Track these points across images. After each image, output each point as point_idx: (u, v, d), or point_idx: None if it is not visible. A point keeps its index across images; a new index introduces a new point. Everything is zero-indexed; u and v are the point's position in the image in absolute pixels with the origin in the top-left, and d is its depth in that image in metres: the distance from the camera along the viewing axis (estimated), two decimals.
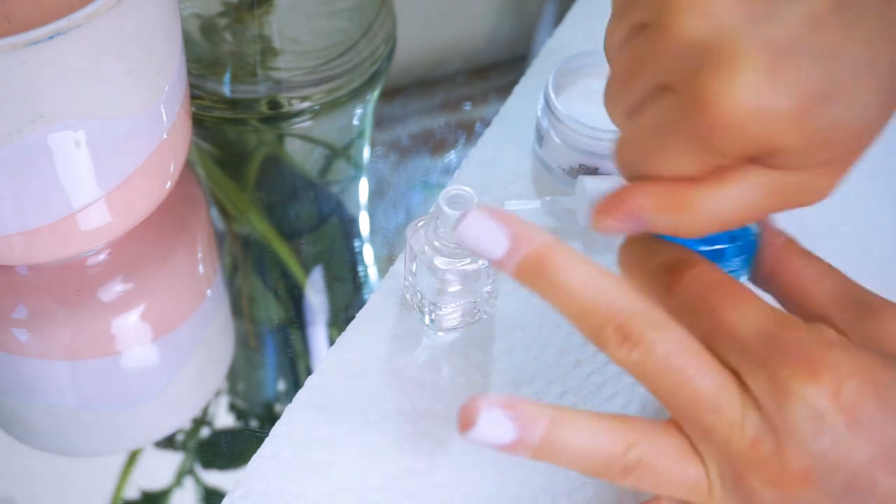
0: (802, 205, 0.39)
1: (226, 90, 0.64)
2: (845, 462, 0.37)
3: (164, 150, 0.53)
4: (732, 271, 0.45)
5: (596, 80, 0.60)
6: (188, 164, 0.60)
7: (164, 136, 0.52)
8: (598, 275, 0.39)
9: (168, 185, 0.55)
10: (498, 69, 0.71)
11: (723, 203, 0.38)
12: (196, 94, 0.64)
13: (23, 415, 0.53)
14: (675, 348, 0.39)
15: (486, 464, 0.48)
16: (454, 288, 0.50)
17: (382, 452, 0.48)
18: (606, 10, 0.40)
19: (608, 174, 0.57)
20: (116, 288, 0.56)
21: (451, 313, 0.52)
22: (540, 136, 0.59)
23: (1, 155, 0.46)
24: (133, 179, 0.51)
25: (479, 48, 0.73)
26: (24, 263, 0.55)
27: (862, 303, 0.42)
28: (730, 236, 0.44)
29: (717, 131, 0.36)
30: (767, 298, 0.41)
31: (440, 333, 0.53)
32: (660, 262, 0.42)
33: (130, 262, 0.57)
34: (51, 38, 0.43)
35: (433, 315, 0.52)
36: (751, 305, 0.40)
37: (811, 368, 0.37)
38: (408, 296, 0.53)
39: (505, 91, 0.65)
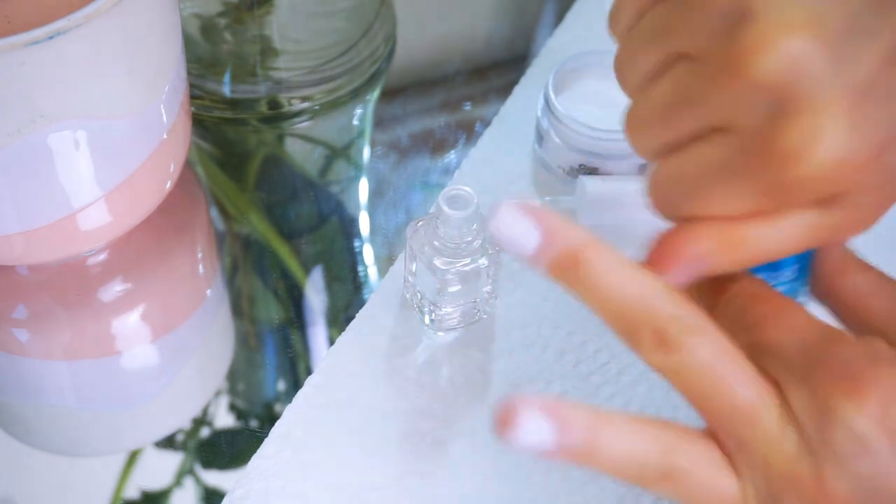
0: (848, 237, 0.38)
1: (226, 90, 0.64)
2: (888, 489, 0.35)
3: (164, 150, 0.53)
4: (789, 281, 0.44)
5: (596, 81, 0.60)
6: (188, 164, 0.60)
7: (164, 136, 0.52)
8: (637, 276, 0.38)
9: (168, 185, 0.55)
10: (498, 69, 0.71)
11: (774, 239, 0.37)
12: (196, 94, 0.64)
13: (23, 415, 0.53)
14: (714, 354, 0.37)
15: (485, 464, 0.48)
16: (454, 288, 0.50)
17: (382, 452, 0.48)
18: (606, 11, 0.40)
19: (608, 174, 0.57)
20: (116, 288, 0.56)
21: (450, 313, 0.52)
22: (540, 137, 0.59)
23: (1, 155, 0.46)
24: (133, 179, 0.51)
25: (478, 48, 0.73)
26: (25, 263, 0.55)
27: None
28: None
29: (795, 182, 0.34)
30: (826, 317, 0.40)
31: (440, 333, 0.53)
32: (705, 278, 0.40)
33: (130, 262, 0.57)
34: (51, 38, 0.43)
35: (433, 315, 0.52)
36: (796, 318, 0.38)
37: (856, 387, 0.35)
38: (408, 296, 0.53)
39: (505, 91, 0.65)
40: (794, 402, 0.37)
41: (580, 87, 0.60)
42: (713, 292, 0.41)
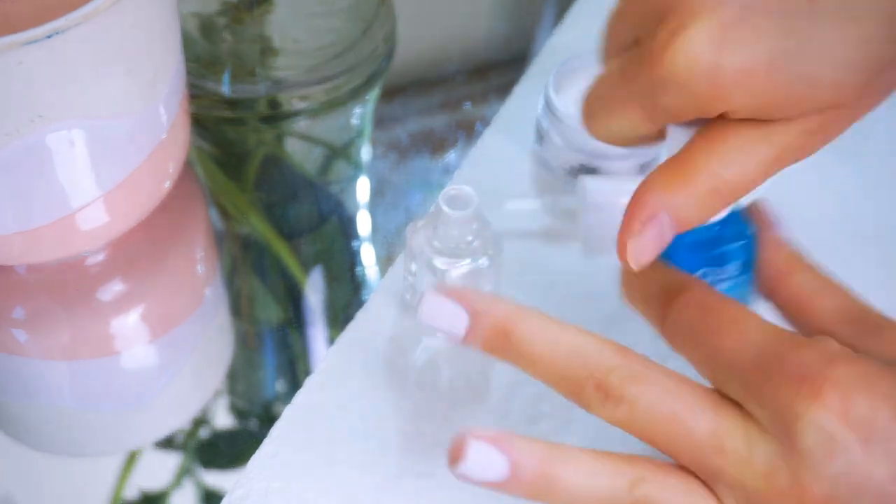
0: (802, 157, 0.39)
1: (225, 90, 0.64)
2: (867, 483, 0.35)
3: (163, 150, 0.53)
4: (735, 276, 0.44)
5: None
6: (187, 164, 0.60)
7: (163, 136, 0.52)
8: (566, 335, 0.39)
9: (167, 184, 0.55)
10: (498, 69, 0.71)
11: (723, 167, 0.37)
12: (195, 94, 0.64)
13: (22, 415, 0.53)
14: (660, 396, 0.37)
15: None
16: None
17: (382, 453, 0.48)
18: (606, 10, 0.40)
19: (609, 174, 0.57)
20: (115, 288, 0.56)
21: None
22: (540, 136, 0.59)
23: None
24: (132, 179, 0.51)
25: (479, 48, 0.73)
26: (23, 263, 0.55)
27: (866, 320, 0.41)
28: (727, 237, 0.43)
29: (663, 84, 0.36)
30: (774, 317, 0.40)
31: (440, 334, 0.52)
32: (655, 289, 0.41)
33: (129, 262, 0.57)
34: (49, 37, 0.43)
35: None
36: (747, 326, 0.38)
37: (814, 388, 0.35)
38: (407, 296, 0.53)
39: (505, 91, 0.65)
40: (758, 414, 0.37)
41: (581, 86, 0.59)
42: (662, 303, 0.41)
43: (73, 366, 0.54)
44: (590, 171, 0.57)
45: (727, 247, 0.43)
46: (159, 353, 0.55)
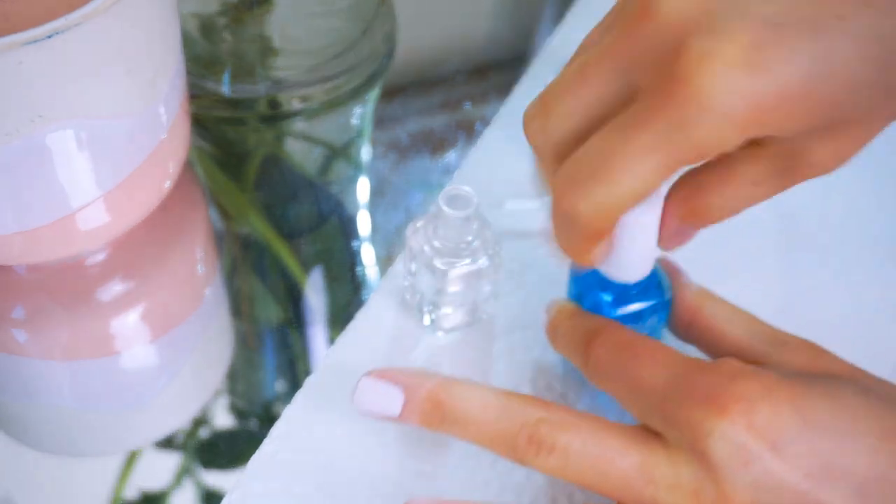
0: (818, 174, 0.39)
1: (225, 90, 0.64)
2: (783, 484, 0.37)
3: (163, 150, 0.53)
4: (651, 329, 0.48)
5: None
6: (187, 164, 0.60)
7: (163, 136, 0.52)
8: (492, 396, 0.41)
9: (167, 184, 0.55)
10: (498, 69, 0.71)
11: (732, 196, 0.40)
12: (195, 94, 0.64)
13: (23, 415, 0.53)
14: (589, 440, 0.39)
15: (486, 465, 0.48)
16: (454, 288, 0.50)
17: (382, 453, 0.48)
18: (606, 10, 0.40)
19: None
20: (115, 288, 0.56)
21: (450, 314, 0.52)
22: None
23: None
24: (132, 179, 0.51)
25: (479, 48, 0.73)
26: (23, 263, 0.55)
27: (772, 338, 0.43)
28: (645, 296, 0.46)
29: (697, 117, 0.33)
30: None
31: (440, 334, 0.53)
32: (577, 335, 0.44)
33: (129, 262, 0.57)
34: (49, 37, 0.43)
35: (433, 315, 0.52)
36: (658, 357, 0.41)
37: (719, 404, 0.37)
38: (407, 296, 0.53)
39: (505, 91, 0.65)
40: (674, 439, 0.39)
41: None
42: (584, 346, 0.43)
43: (73, 366, 0.54)
44: None
45: (646, 308, 0.46)
46: (159, 353, 0.55)
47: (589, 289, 0.47)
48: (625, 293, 0.46)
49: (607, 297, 0.46)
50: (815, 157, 0.38)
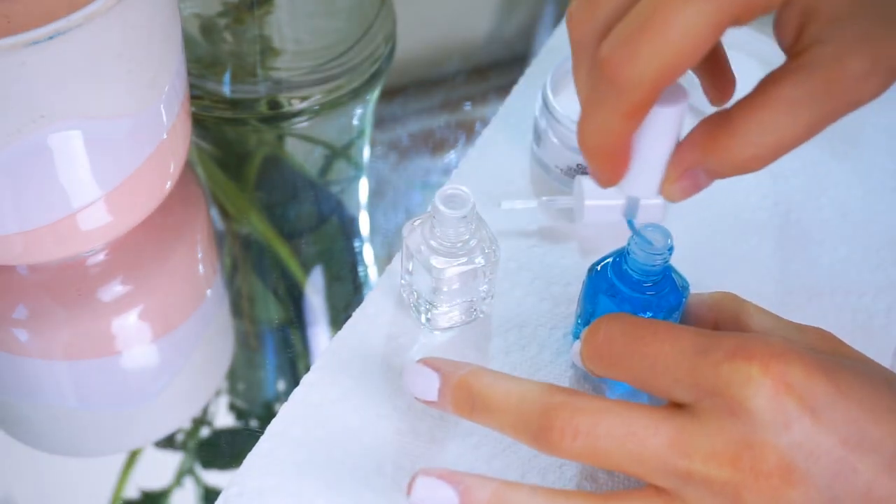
0: (855, 101, 0.37)
1: (226, 90, 0.64)
2: (820, 449, 0.37)
3: (164, 150, 0.53)
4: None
5: None
6: (188, 164, 0.60)
7: (164, 136, 0.52)
8: (515, 384, 0.41)
9: (168, 185, 0.55)
10: (498, 69, 0.71)
11: (780, 132, 0.37)
12: (196, 94, 0.64)
13: (23, 415, 0.53)
14: (614, 421, 0.39)
15: (481, 464, 0.48)
16: (451, 287, 0.50)
17: (378, 451, 0.48)
18: None
19: None
20: (116, 288, 0.56)
21: (447, 312, 0.52)
22: (538, 136, 0.59)
23: (1, 155, 0.46)
24: (133, 179, 0.51)
25: (479, 48, 0.73)
26: (24, 263, 0.55)
27: (795, 327, 0.44)
28: (664, 297, 0.47)
29: None
30: None
31: (436, 332, 0.53)
32: (592, 328, 0.43)
33: (130, 262, 0.57)
34: (51, 38, 0.43)
35: (429, 314, 0.52)
36: (678, 332, 0.40)
37: (757, 359, 0.37)
38: (404, 295, 0.53)
39: (505, 91, 0.65)
40: (709, 405, 0.38)
41: None
42: (591, 330, 0.43)
43: (74, 366, 0.54)
44: (586, 171, 0.57)
45: (662, 309, 0.47)
46: (160, 353, 0.55)
47: (609, 289, 0.47)
48: (642, 292, 0.46)
49: (629, 294, 0.47)
50: (854, 68, 0.36)
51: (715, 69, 0.43)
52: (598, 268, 0.48)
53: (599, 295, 0.47)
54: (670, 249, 0.45)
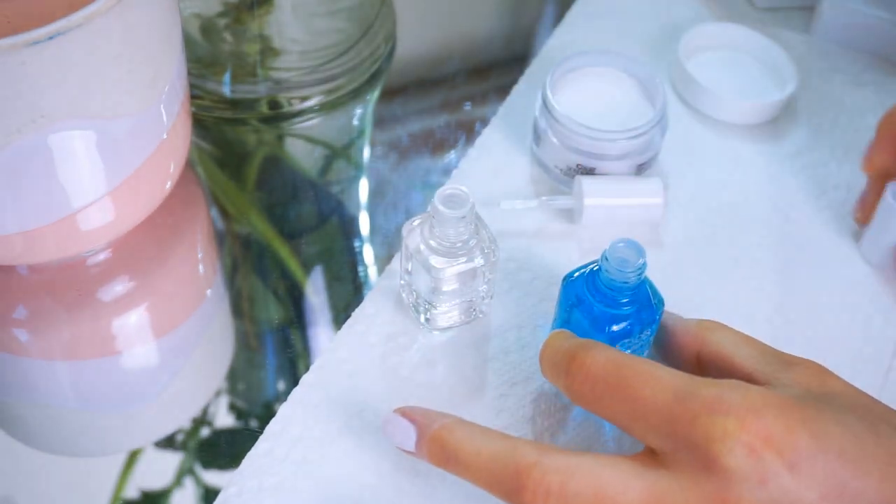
0: None
1: (226, 90, 0.64)
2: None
3: (164, 150, 0.53)
4: (639, 348, 0.48)
5: (593, 80, 0.60)
6: (188, 164, 0.60)
7: (164, 136, 0.52)
8: (487, 441, 0.42)
9: (168, 185, 0.55)
10: (498, 69, 0.71)
11: None
12: (196, 94, 0.64)
13: (23, 415, 0.53)
14: (585, 479, 0.39)
15: None
16: (450, 287, 0.50)
17: (377, 450, 0.48)
18: (606, 11, 0.40)
19: (605, 174, 0.57)
20: (116, 288, 0.56)
21: (446, 312, 0.52)
22: (537, 136, 0.59)
23: (1, 155, 0.46)
24: (133, 179, 0.51)
25: (479, 48, 0.73)
26: (25, 263, 0.55)
27: (779, 359, 0.43)
28: (637, 310, 0.46)
29: None
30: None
31: (435, 332, 0.53)
32: (559, 357, 0.43)
33: (131, 262, 0.57)
34: (51, 38, 0.43)
35: (428, 314, 0.52)
36: (661, 375, 0.40)
37: (733, 415, 0.37)
38: (403, 295, 0.53)
39: (505, 91, 0.65)
40: (685, 456, 0.38)
41: (577, 86, 0.60)
42: (574, 361, 0.42)
43: (74, 366, 0.54)
44: (586, 171, 0.57)
45: (636, 323, 0.46)
46: (160, 353, 0.55)
47: (580, 302, 0.47)
48: (616, 307, 0.46)
49: (598, 308, 0.46)
50: None
51: None
52: (575, 276, 0.48)
53: (573, 309, 0.47)
54: (641, 268, 0.45)
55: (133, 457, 0.51)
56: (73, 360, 0.54)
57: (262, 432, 0.49)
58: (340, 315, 0.55)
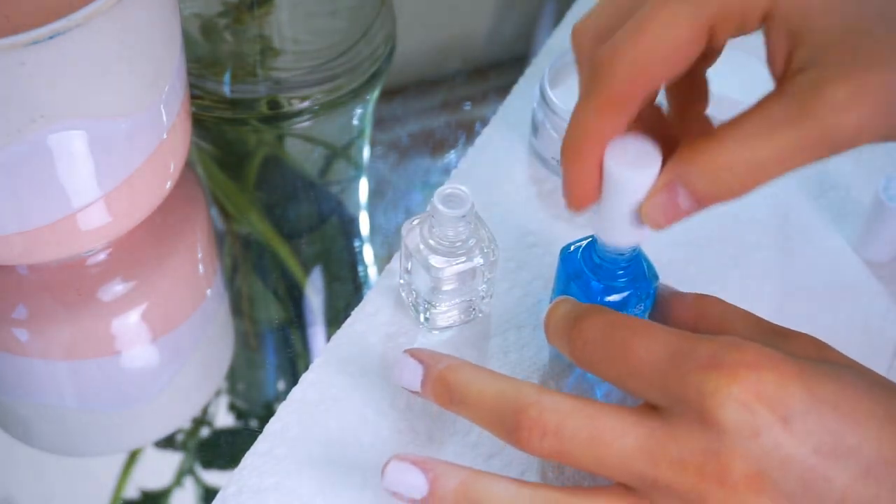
0: (837, 134, 0.35)
1: (226, 90, 0.64)
2: (791, 459, 0.37)
3: (164, 150, 0.53)
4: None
5: None
6: (188, 164, 0.60)
7: (164, 136, 0.52)
8: (491, 380, 0.42)
9: (168, 185, 0.55)
10: (498, 69, 0.71)
11: (756, 152, 0.36)
12: (196, 94, 0.64)
13: (23, 415, 0.53)
14: (582, 421, 0.39)
15: (480, 462, 0.48)
16: (449, 286, 0.50)
17: (377, 450, 0.48)
18: None
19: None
20: (116, 288, 0.56)
21: (445, 312, 0.52)
22: (535, 128, 0.59)
23: (1, 155, 0.46)
24: (133, 179, 0.51)
25: (479, 48, 0.73)
26: (24, 263, 0.55)
27: (775, 331, 0.43)
28: (632, 283, 0.47)
29: None
30: None
31: (435, 332, 0.53)
32: (562, 321, 0.44)
33: (130, 262, 0.57)
34: (51, 38, 0.43)
35: (428, 314, 0.52)
36: (655, 333, 0.40)
37: (727, 369, 0.37)
38: (403, 294, 0.53)
39: (505, 91, 0.65)
40: (680, 411, 0.38)
41: (575, 80, 0.59)
42: (575, 324, 0.43)
43: (74, 366, 0.54)
44: None
45: (632, 294, 0.47)
46: (160, 353, 0.55)
47: (577, 275, 0.47)
48: (612, 279, 0.47)
49: (595, 283, 0.47)
50: (835, 96, 0.35)
51: (690, 100, 0.42)
52: (571, 249, 0.48)
53: (570, 282, 0.48)
54: None
55: (133, 457, 0.51)
56: (73, 360, 0.54)
57: (261, 432, 0.49)
58: (340, 315, 0.55)
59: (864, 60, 0.35)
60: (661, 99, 0.43)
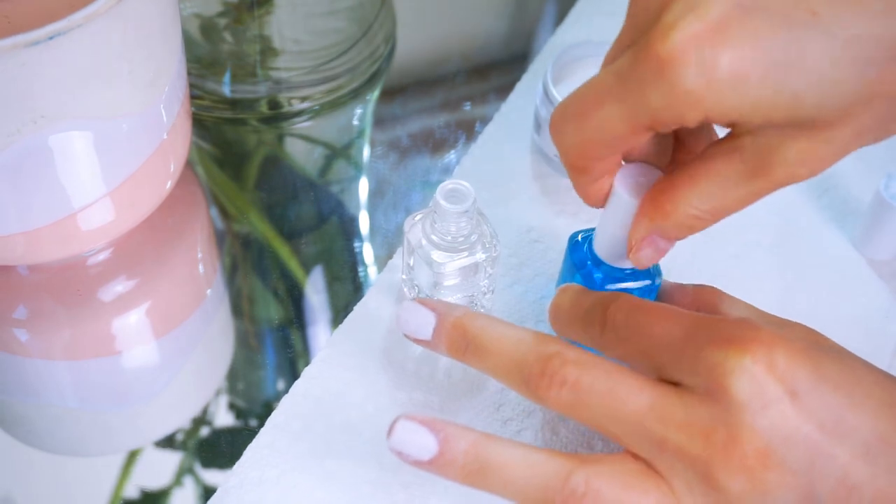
0: (791, 181, 0.38)
1: (226, 90, 0.64)
2: (797, 434, 0.37)
3: (164, 150, 0.53)
4: None
5: (595, 70, 0.60)
6: (188, 164, 0.60)
7: (164, 136, 0.52)
8: (510, 329, 0.42)
9: (168, 185, 0.55)
10: (498, 69, 0.71)
11: (702, 202, 0.39)
12: (196, 94, 0.64)
13: (23, 415, 0.53)
14: (600, 377, 0.40)
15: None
16: (451, 282, 0.50)
17: (378, 444, 0.48)
18: (608, 8, 0.40)
19: None
20: (117, 288, 0.56)
21: None
22: (538, 125, 0.59)
23: (2, 155, 0.46)
24: (133, 179, 0.52)
25: (479, 48, 0.73)
26: (25, 263, 0.55)
27: (773, 320, 0.44)
28: (635, 277, 0.47)
29: (654, 77, 0.35)
30: None
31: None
32: (588, 304, 0.44)
33: (131, 262, 0.57)
34: (51, 38, 0.43)
35: None
36: (674, 314, 0.41)
37: (741, 345, 0.38)
38: (405, 289, 0.53)
39: (505, 90, 0.65)
40: (692, 382, 0.39)
41: (578, 76, 0.60)
42: (602, 311, 0.43)
43: (74, 366, 0.54)
44: None
45: (635, 289, 0.47)
46: (160, 353, 0.55)
47: (582, 268, 0.47)
48: (615, 273, 0.47)
49: (598, 275, 0.47)
50: (786, 156, 0.37)
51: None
52: (579, 238, 0.49)
53: (576, 272, 0.48)
54: None
55: (133, 456, 0.51)
56: (73, 360, 0.54)
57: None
58: (340, 315, 0.55)
59: (807, 125, 0.36)
60: None
